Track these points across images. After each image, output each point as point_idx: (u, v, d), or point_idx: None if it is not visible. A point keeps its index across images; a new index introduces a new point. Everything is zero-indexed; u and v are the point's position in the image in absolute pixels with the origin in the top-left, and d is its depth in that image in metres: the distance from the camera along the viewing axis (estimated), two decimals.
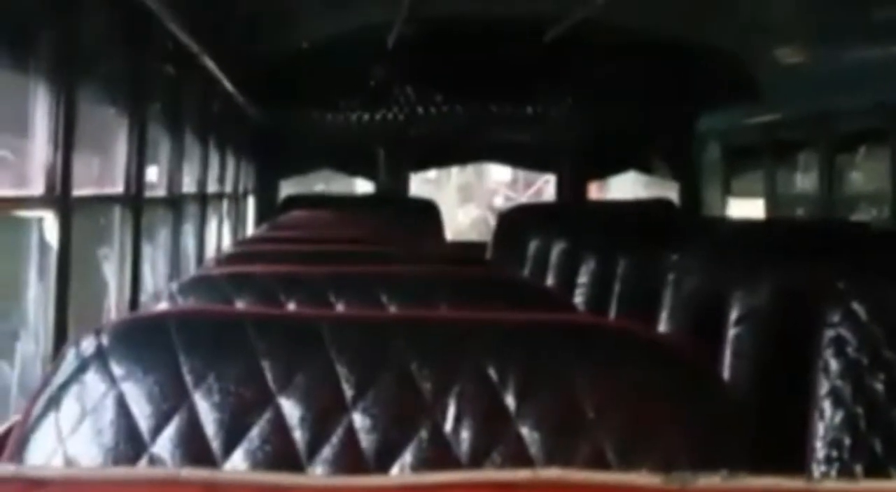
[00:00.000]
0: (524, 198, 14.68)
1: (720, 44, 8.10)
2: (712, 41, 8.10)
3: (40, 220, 3.31)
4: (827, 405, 2.03)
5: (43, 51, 3.31)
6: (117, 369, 1.33)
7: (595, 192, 11.26)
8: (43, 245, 3.31)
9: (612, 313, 4.09)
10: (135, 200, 4.47)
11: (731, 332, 2.89)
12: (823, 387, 2.04)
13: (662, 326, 3.37)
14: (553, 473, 0.66)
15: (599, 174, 10.58)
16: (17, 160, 3.44)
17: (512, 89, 9.20)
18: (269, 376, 1.32)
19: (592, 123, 9.40)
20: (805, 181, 7.77)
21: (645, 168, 10.08)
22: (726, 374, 2.85)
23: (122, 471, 0.65)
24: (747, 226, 6.81)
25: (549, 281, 5.10)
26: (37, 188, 3.30)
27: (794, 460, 2.09)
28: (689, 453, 1.27)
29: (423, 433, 1.29)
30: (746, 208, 8.72)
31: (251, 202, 9.34)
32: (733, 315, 2.90)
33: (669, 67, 8.84)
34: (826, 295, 2.11)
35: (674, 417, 1.31)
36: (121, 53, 4.37)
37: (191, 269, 5.70)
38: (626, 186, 11.02)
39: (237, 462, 1.28)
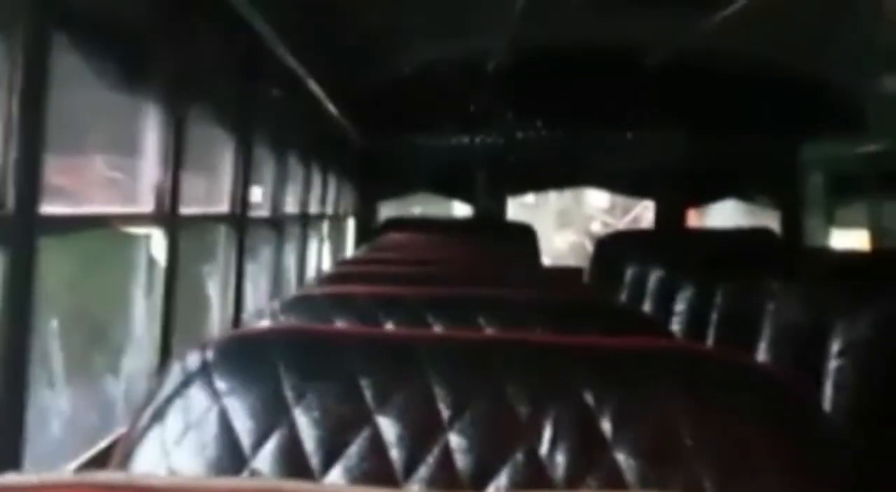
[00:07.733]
0: (622, 224, 14.57)
1: (824, 72, 7.97)
2: (816, 69, 7.98)
3: (147, 237, 3.39)
4: None
5: (154, 74, 3.39)
6: (221, 384, 1.35)
7: (694, 219, 11.12)
8: (150, 262, 3.39)
9: (710, 342, 4.04)
10: (239, 220, 4.55)
11: (833, 364, 2.84)
12: None
13: (761, 357, 3.32)
14: None
15: (699, 201, 10.46)
16: (126, 179, 3.53)
17: (611, 115, 9.16)
18: (367, 394, 1.33)
19: (692, 149, 9.31)
20: None
21: (745, 196, 9.93)
22: (826, 406, 2.80)
23: (226, 480, 0.67)
24: (850, 256, 6.68)
25: (646, 308, 5.06)
26: (145, 207, 3.38)
27: None
28: (788, 485, 1.26)
29: (519, 456, 1.29)
30: (850, 239, 8.55)
31: (351, 224, 9.44)
32: (835, 347, 2.85)
33: (772, 95, 8.72)
34: None
35: (774, 447, 1.29)
36: (229, 76, 4.47)
37: (291, 288, 5.78)
38: (726, 214, 10.87)
39: (335, 479, 1.30)
